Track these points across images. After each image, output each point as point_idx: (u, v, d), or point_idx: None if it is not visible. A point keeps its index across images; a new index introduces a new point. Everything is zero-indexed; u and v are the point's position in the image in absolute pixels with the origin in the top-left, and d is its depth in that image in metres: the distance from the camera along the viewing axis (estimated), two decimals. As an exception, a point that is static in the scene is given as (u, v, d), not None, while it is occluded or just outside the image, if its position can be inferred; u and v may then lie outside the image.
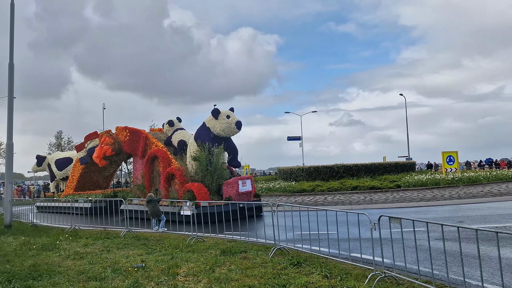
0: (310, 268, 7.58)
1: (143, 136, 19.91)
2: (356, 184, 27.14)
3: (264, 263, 8.17)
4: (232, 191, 16.48)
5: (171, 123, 20.55)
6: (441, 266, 7.01)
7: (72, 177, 25.65)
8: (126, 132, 20.99)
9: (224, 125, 16.77)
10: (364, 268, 7.16)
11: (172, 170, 17.43)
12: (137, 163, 20.48)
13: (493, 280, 6.24)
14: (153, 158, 19.06)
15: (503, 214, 13.95)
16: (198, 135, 17.40)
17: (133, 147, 20.38)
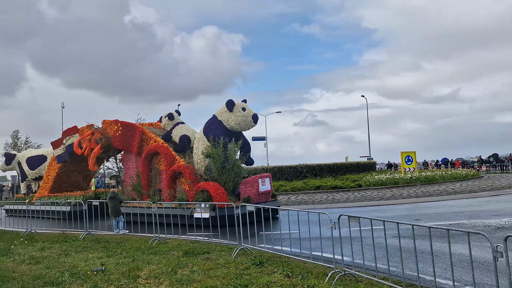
0: (272, 267, 7.65)
1: (139, 131, 17.90)
2: (319, 184, 27.57)
3: (227, 264, 8.17)
4: (252, 190, 14.90)
5: (171, 117, 18.51)
6: (399, 262, 7.25)
7: (47, 177, 23.32)
8: (117, 126, 18.81)
9: (240, 118, 15.19)
10: (324, 266, 7.30)
11: (180, 168, 15.60)
12: (130, 160, 18.58)
13: (446, 275, 6.51)
14: (152, 155, 17.21)
15: (456, 211, 14.58)
16: (209, 129, 15.64)
17: (126, 143, 18.30)
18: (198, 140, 15.86)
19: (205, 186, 14.45)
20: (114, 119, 19.18)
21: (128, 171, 18.62)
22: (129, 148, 18.26)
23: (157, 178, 17.14)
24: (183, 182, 15.62)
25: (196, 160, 15.71)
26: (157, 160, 17.06)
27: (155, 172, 17.23)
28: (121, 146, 18.69)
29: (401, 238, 6.62)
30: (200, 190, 14.54)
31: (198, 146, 15.70)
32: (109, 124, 19.37)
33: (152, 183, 17.27)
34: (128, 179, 18.52)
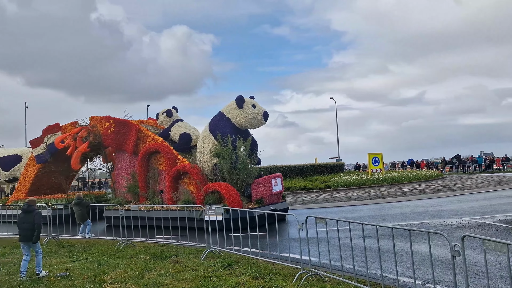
0: (241, 269, 7.68)
1: (135, 128, 16.68)
2: (289, 185, 27.80)
3: (196, 266, 8.14)
4: (265, 191, 14.21)
5: (170, 113, 17.39)
6: (364, 262, 7.41)
7: (24, 179, 21.31)
8: (109, 123, 17.33)
9: (250, 116, 14.45)
10: (292, 267, 7.39)
11: (186, 168, 14.65)
12: (123, 160, 17.33)
13: (409, 273, 6.70)
14: (150, 154, 16.14)
15: (420, 211, 15.02)
16: (216, 126, 14.74)
17: (120, 141, 16.94)
18: (203, 138, 14.99)
19: (216, 187, 13.65)
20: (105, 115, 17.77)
21: (121, 171, 17.42)
22: (122, 147, 16.99)
23: (156, 179, 16.18)
24: (187, 182, 14.83)
25: (201, 159, 14.90)
26: (156, 160, 16.11)
27: (153, 172, 16.22)
28: (113, 145, 17.30)
29: (366, 238, 6.79)
30: (211, 191, 13.72)
31: (204, 144, 14.84)
32: (99, 120, 17.80)
33: (150, 184, 16.23)
34: (120, 180, 17.32)
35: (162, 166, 15.77)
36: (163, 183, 15.72)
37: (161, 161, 15.83)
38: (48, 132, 20.21)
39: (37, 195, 20.12)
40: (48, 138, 19.90)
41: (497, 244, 3.95)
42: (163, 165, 15.69)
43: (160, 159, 15.90)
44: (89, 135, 17.68)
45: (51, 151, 19.59)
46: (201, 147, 14.98)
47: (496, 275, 6.59)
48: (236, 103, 14.60)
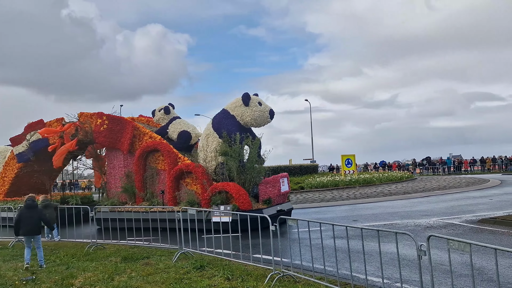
0: (213, 271, 7.65)
1: (131, 126, 15.78)
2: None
3: (167, 268, 8.07)
4: (273, 191, 13.87)
5: (167, 110, 16.45)
6: (335, 262, 7.51)
7: (2, 179, 20.10)
8: (102, 119, 16.35)
9: (256, 114, 14.05)
10: (264, 268, 7.41)
11: (189, 167, 14.04)
12: (116, 159, 16.38)
13: (378, 273, 6.82)
14: (148, 153, 15.41)
15: (391, 212, 15.34)
16: (220, 124, 14.27)
17: (114, 139, 15.98)
18: (207, 137, 14.49)
19: (224, 187, 13.21)
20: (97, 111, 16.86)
21: (113, 170, 16.45)
22: (116, 145, 16.00)
23: (154, 179, 15.44)
24: (189, 182, 14.29)
25: (205, 159, 14.40)
26: (154, 159, 15.42)
27: (151, 172, 15.49)
28: (106, 143, 16.28)
29: (338, 238, 6.89)
30: (218, 192, 13.27)
31: (208, 143, 14.38)
32: (89, 117, 16.72)
33: (147, 184, 15.48)
34: (113, 180, 16.39)
35: (161, 166, 15.20)
36: (162, 183, 15.14)
37: (160, 160, 15.25)
38: (31, 129, 18.83)
39: (17, 196, 19.08)
40: (31, 135, 18.53)
41: (460, 243, 4.08)
42: (162, 164, 15.13)
43: (158, 158, 15.31)
44: (78, 132, 16.51)
45: (34, 149, 18.28)
46: (204, 145, 14.53)
47: (461, 273, 6.79)
48: (242, 100, 14.22)
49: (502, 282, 6.25)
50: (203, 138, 14.69)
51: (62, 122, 17.51)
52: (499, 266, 7.12)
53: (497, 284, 4.03)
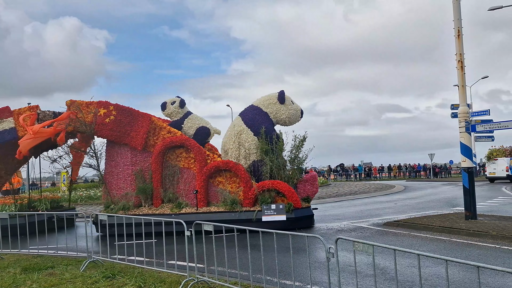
0: (124, 279, 7.31)
1: (147, 118, 14.21)
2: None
3: (74, 278, 7.55)
4: (312, 189, 13.80)
5: (183, 103, 15.10)
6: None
7: None
8: (107, 109, 14.14)
9: (291, 112, 14.14)
10: (179, 275, 7.24)
11: (229, 165, 13.29)
12: (120, 155, 14.38)
13: (291, 276, 6.99)
14: (168, 149, 14.02)
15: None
16: (254, 121, 13.94)
17: (122, 133, 14.01)
18: (239, 133, 13.98)
19: (273, 185, 12.80)
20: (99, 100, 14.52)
21: (116, 169, 14.41)
22: (124, 139, 14.09)
23: (174, 178, 14.10)
24: (221, 181, 13.55)
25: (237, 156, 13.92)
26: (175, 156, 14.09)
27: (171, 170, 14.11)
28: (112, 137, 14.14)
29: (253, 244, 6.95)
30: (265, 190, 12.79)
31: (241, 140, 13.90)
32: (84, 106, 14.28)
33: (166, 184, 14.10)
34: (116, 180, 14.40)
35: (184, 163, 14.00)
36: (185, 183, 14.01)
37: (183, 157, 14.04)
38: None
39: None
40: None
41: (364, 245, 4.31)
42: (186, 162, 13.97)
43: (181, 155, 14.08)
44: (69, 123, 14.10)
45: (1, 141, 15.04)
46: (235, 143, 14.01)
47: (368, 274, 7.20)
48: (279, 98, 14.22)
49: (402, 281, 6.73)
50: (234, 134, 14.14)
51: (37, 110, 14.72)
52: (400, 265, 7.68)
53: (399, 282, 4.30)
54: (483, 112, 16.27)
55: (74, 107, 14.22)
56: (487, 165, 35.37)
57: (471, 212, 12.44)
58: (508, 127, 12.71)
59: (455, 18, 12.74)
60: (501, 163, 32.65)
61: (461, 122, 12.80)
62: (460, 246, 9.46)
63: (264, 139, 13.57)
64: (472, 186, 12.54)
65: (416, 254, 4.11)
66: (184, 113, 15.18)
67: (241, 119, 14.35)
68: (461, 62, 12.75)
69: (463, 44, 12.78)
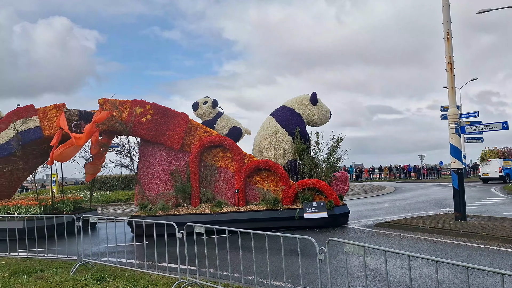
0: (115, 282, 7.26)
1: (185, 118, 14.13)
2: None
3: (64, 282, 7.49)
4: (344, 188, 14.32)
5: (216, 104, 15.39)
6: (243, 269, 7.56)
7: None
8: (144, 108, 13.98)
9: (322, 113, 14.82)
10: (170, 277, 7.21)
11: (269, 164, 13.60)
12: (154, 155, 14.22)
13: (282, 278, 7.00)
14: (205, 149, 14.04)
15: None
16: (288, 122, 14.51)
17: (158, 132, 13.89)
18: (274, 133, 14.42)
19: (313, 183, 13.29)
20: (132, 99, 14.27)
21: (150, 169, 14.28)
22: (160, 139, 13.95)
23: (211, 178, 14.15)
24: (259, 181, 13.83)
25: (271, 156, 14.33)
26: (211, 156, 14.16)
27: (208, 170, 14.15)
28: (149, 136, 13.95)
29: (245, 246, 6.94)
30: (305, 188, 13.27)
31: (276, 140, 14.37)
32: (118, 104, 14.02)
33: (202, 183, 14.10)
34: (149, 180, 14.24)
35: (220, 163, 14.11)
36: (221, 182, 14.10)
37: (219, 156, 14.15)
38: (18, 116, 15.02)
39: None
40: (20, 124, 14.75)
41: (355, 246, 4.33)
42: (223, 162, 14.09)
43: (217, 154, 14.17)
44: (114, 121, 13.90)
45: (24, 141, 14.59)
46: (270, 143, 14.45)
47: (359, 275, 7.23)
48: (311, 99, 14.79)
49: (393, 281, 6.77)
50: (268, 135, 14.57)
51: (63, 109, 14.27)
52: (391, 266, 7.72)
53: (390, 283, 4.33)
54: (472, 114, 16.47)
55: (108, 105, 14.00)
56: (480, 166, 35.91)
57: (460, 213, 12.56)
58: (496, 129, 12.85)
59: (445, 21, 12.87)
60: (494, 164, 33.25)
61: (450, 123, 12.93)
62: (450, 247, 9.55)
63: (299, 139, 14.15)
64: (462, 187, 12.67)
65: (407, 255, 4.15)
66: (216, 113, 15.49)
67: (274, 119, 14.82)
68: (451, 65, 12.88)
69: (452, 46, 12.93)
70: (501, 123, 12.78)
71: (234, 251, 7.19)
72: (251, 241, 5.93)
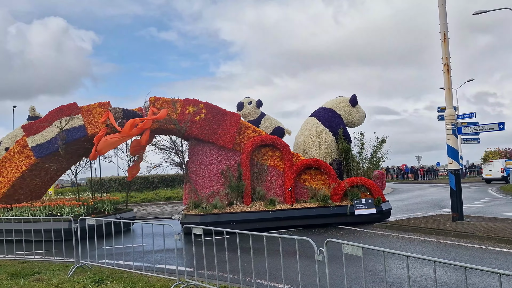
0: (112, 284, 7.24)
1: (237, 118, 14.37)
2: (170, 195, 27.34)
3: (61, 284, 7.46)
4: (382, 185, 14.98)
5: (260, 104, 15.90)
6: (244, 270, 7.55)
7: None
8: (198, 107, 14.07)
9: (360, 115, 15.76)
10: (168, 279, 7.19)
11: (319, 163, 14.23)
12: (204, 154, 14.25)
13: (281, 279, 7.00)
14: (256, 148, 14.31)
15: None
16: (331, 122, 15.29)
17: (210, 131, 13.98)
18: (319, 134, 15.09)
19: (362, 181, 14.12)
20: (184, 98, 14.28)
21: (200, 168, 14.28)
22: (212, 138, 14.02)
23: (262, 176, 14.40)
24: (307, 179, 14.43)
25: (316, 155, 14.89)
26: (261, 155, 14.45)
27: (259, 168, 14.42)
28: (202, 135, 13.99)
29: (243, 247, 6.94)
30: (354, 186, 14.09)
31: (321, 140, 15.02)
32: (169, 103, 14.02)
33: (253, 182, 14.32)
34: (200, 179, 14.23)
35: (270, 162, 14.46)
36: (271, 181, 14.37)
37: (268, 155, 14.49)
38: (61, 114, 14.61)
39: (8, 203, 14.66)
40: (66, 121, 14.38)
41: (353, 247, 4.33)
42: (271, 160, 14.45)
43: (266, 153, 14.50)
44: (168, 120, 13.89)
45: (69, 139, 14.26)
46: (315, 142, 15.07)
47: (357, 275, 7.23)
48: (351, 101, 15.65)
49: (391, 282, 6.78)
50: (313, 135, 15.15)
51: (108, 107, 14.23)
52: (389, 267, 7.73)
53: (388, 284, 4.33)
54: (469, 114, 16.48)
55: (160, 103, 14.00)
56: (483, 166, 36.35)
57: (458, 214, 12.59)
58: (493, 130, 12.90)
59: (441, 22, 12.92)
60: (497, 164, 33.65)
61: (447, 124, 12.97)
62: (447, 247, 9.57)
63: (343, 139, 14.94)
64: (459, 188, 12.70)
65: (405, 256, 4.16)
66: (259, 113, 15.95)
67: (317, 120, 15.47)
68: (447, 66, 12.92)
69: (449, 47, 12.97)
70: (497, 123, 12.83)
71: (233, 252, 7.18)
72: (249, 243, 5.92)
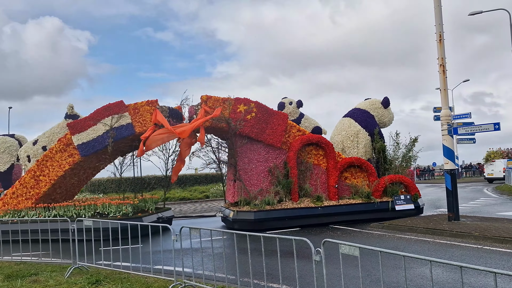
0: (110, 285, 7.24)
1: (285, 117, 14.79)
2: (167, 196, 27.25)
3: (58, 285, 7.46)
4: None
5: (301, 104, 16.78)
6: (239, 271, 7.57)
7: (37, 178, 14.63)
8: (248, 106, 14.44)
9: (390, 116, 16.69)
10: (166, 280, 7.20)
11: (361, 161, 15.18)
12: (253, 152, 14.58)
13: (279, 279, 7.03)
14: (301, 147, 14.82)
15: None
16: (366, 123, 16.14)
17: (259, 130, 14.39)
18: (356, 134, 15.87)
19: (400, 179, 15.01)
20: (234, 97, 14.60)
21: (249, 166, 14.62)
22: (261, 136, 14.41)
23: (307, 174, 14.97)
24: (348, 176, 15.27)
25: (353, 154, 15.73)
26: (305, 153, 15.08)
27: (304, 166, 14.93)
28: (252, 133, 14.35)
29: (241, 247, 6.97)
30: (393, 183, 14.93)
31: (359, 140, 15.82)
32: (220, 102, 14.34)
33: (300, 179, 14.82)
34: (247, 177, 14.56)
35: (314, 160, 15.16)
36: (314, 178, 15.05)
37: (312, 154, 15.19)
38: (109, 112, 14.44)
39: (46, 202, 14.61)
40: (117, 119, 14.24)
41: (350, 247, 4.36)
42: (314, 159, 15.16)
43: (310, 152, 15.19)
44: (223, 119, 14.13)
45: (118, 137, 14.12)
46: (353, 142, 15.86)
47: (355, 275, 7.26)
48: (384, 103, 16.57)
49: (388, 282, 6.82)
50: (351, 134, 15.91)
51: (156, 105, 14.21)
52: (386, 267, 7.77)
53: (385, 283, 4.36)
54: (464, 115, 16.58)
55: (212, 102, 14.27)
56: (485, 166, 36.66)
57: (454, 214, 12.65)
58: (488, 130, 12.97)
59: (437, 23, 12.99)
60: (499, 164, 33.94)
61: (443, 125, 13.03)
62: (443, 247, 9.62)
63: (379, 139, 15.88)
64: (455, 188, 12.76)
65: (401, 256, 4.19)
66: (299, 113, 16.78)
67: (353, 120, 16.25)
68: (443, 66, 12.99)
69: (444, 48, 13.04)
70: (493, 124, 12.89)
71: (230, 253, 7.20)
72: (247, 243, 5.94)
